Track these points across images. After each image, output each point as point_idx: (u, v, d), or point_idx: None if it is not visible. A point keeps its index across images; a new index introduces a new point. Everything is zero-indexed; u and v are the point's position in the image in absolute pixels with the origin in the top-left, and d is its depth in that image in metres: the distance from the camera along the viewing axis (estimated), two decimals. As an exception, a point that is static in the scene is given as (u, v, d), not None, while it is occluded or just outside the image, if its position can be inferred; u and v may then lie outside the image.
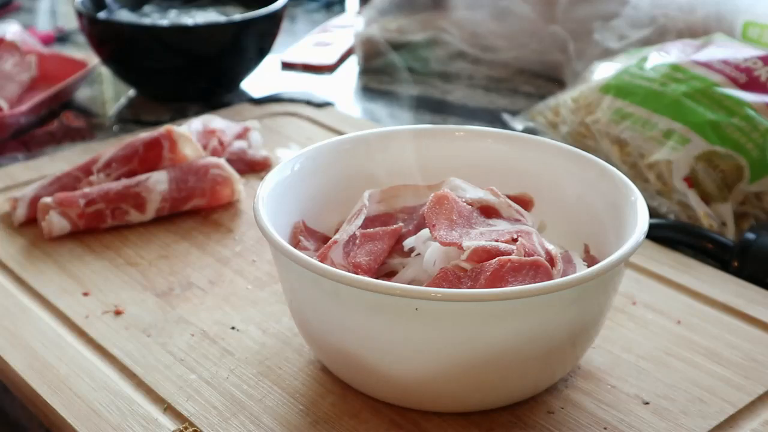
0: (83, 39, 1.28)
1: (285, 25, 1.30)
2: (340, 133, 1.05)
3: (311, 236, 0.71)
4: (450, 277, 0.61)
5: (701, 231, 0.85)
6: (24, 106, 1.11)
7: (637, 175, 0.93)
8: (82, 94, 1.25)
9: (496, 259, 0.60)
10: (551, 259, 0.63)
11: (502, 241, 0.63)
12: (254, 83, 1.26)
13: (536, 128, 1.07)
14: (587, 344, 0.65)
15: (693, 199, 0.88)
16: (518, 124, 1.10)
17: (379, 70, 1.35)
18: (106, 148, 0.95)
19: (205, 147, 0.96)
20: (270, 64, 1.33)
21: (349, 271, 0.62)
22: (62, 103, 1.19)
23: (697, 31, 1.11)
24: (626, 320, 0.74)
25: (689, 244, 0.85)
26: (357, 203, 0.71)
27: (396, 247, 0.68)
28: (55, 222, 0.85)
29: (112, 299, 0.77)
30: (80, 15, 1.15)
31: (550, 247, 0.65)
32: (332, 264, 0.64)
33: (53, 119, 1.16)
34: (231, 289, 0.78)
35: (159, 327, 0.73)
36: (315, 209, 0.73)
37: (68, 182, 0.90)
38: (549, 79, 1.27)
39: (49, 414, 0.65)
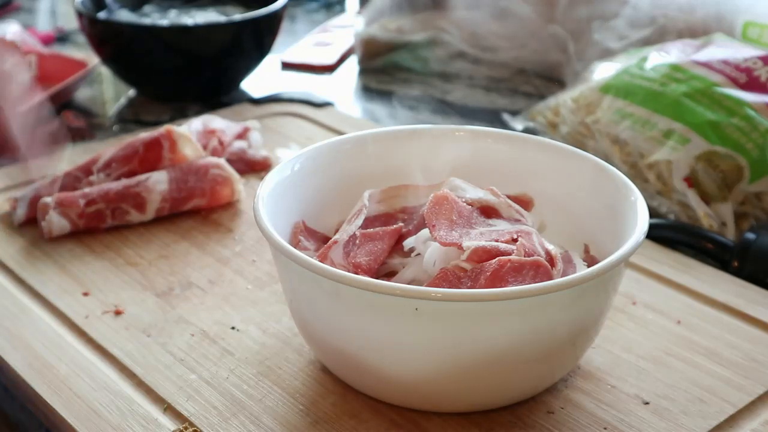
0: (83, 39, 1.28)
1: (285, 25, 1.30)
2: (340, 133, 1.05)
3: (311, 236, 0.71)
4: (450, 277, 0.61)
5: (701, 231, 0.85)
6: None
7: (637, 175, 0.93)
8: (82, 94, 1.25)
9: (496, 259, 0.60)
10: (551, 259, 0.63)
11: (502, 241, 0.63)
12: (254, 83, 1.26)
13: (536, 128, 1.07)
14: (587, 344, 0.65)
15: (693, 199, 0.88)
16: (518, 124, 1.10)
17: (379, 70, 1.35)
18: (106, 148, 0.95)
19: (205, 147, 0.96)
20: (270, 64, 1.33)
21: (349, 271, 0.63)
22: (62, 103, 1.19)
23: (697, 31, 1.11)
24: (626, 320, 0.74)
25: (689, 244, 0.85)
26: (357, 203, 0.71)
27: (396, 247, 0.68)
28: (55, 222, 0.85)
29: (112, 299, 0.77)
30: (80, 15, 1.15)
31: (550, 247, 0.65)
32: (332, 264, 0.64)
33: (53, 119, 1.16)
34: (231, 289, 0.78)
35: (159, 327, 0.73)
36: (315, 209, 0.73)
37: (68, 182, 0.90)
38: (549, 79, 1.27)
39: (49, 414, 0.65)
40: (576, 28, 1.22)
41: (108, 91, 1.28)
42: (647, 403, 0.65)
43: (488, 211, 0.68)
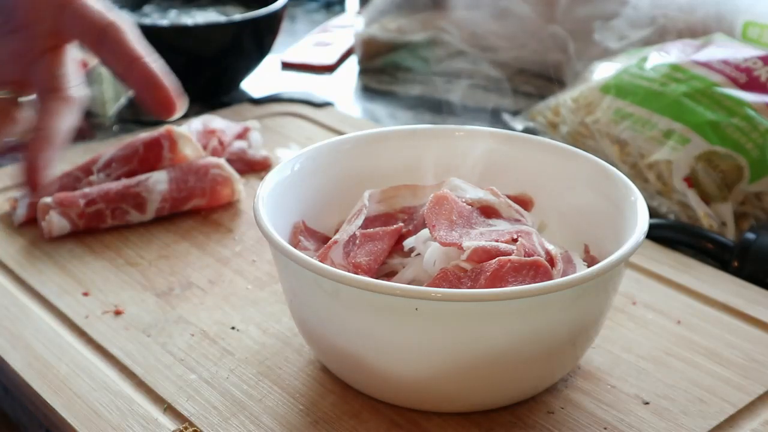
0: (83, 39, 1.28)
1: (285, 25, 1.30)
2: (340, 133, 1.05)
3: (311, 236, 0.71)
4: (450, 277, 0.61)
5: (701, 231, 0.85)
6: (24, 106, 1.11)
7: (637, 175, 0.93)
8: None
9: (496, 259, 0.60)
10: (551, 259, 0.63)
11: (502, 241, 0.63)
12: (254, 83, 1.26)
13: (536, 128, 1.07)
14: (587, 344, 0.65)
15: (693, 199, 0.89)
16: (518, 124, 1.10)
17: (379, 70, 1.35)
18: (106, 148, 0.95)
19: (205, 147, 0.96)
20: (270, 64, 1.33)
21: (349, 271, 0.63)
22: (62, 103, 1.19)
23: (697, 31, 1.11)
24: (626, 320, 0.74)
25: (689, 244, 0.85)
26: (357, 203, 0.71)
27: (396, 247, 0.68)
28: (55, 222, 0.85)
29: (112, 299, 0.77)
30: (80, 15, 1.15)
31: (550, 247, 0.65)
32: (332, 264, 0.64)
33: (53, 119, 1.16)
34: (231, 289, 0.78)
35: (159, 327, 0.73)
36: (315, 209, 0.73)
37: (68, 182, 0.90)
38: (549, 79, 1.27)
39: (49, 414, 0.65)
40: (576, 28, 1.22)
41: (108, 91, 1.28)
42: (647, 403, 0.65)
43: (488, 211, 0.68)
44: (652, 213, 0.88)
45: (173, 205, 0.89)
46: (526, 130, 1.07)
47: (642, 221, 0.64)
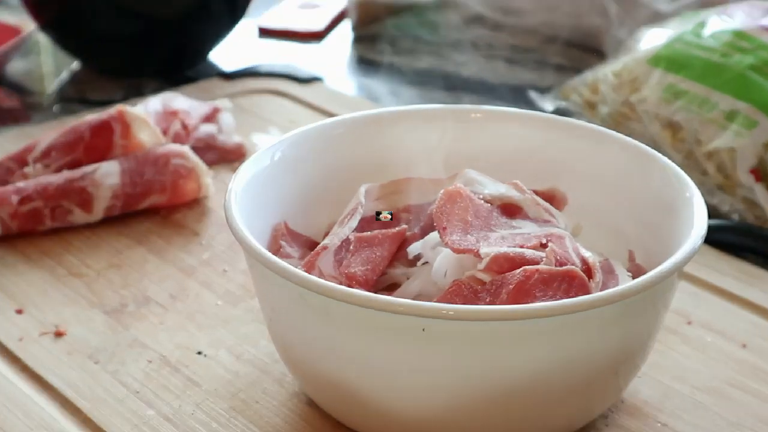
0: (16, 1, 1.28)
1: (263, -17, 1.30)
2: (330, 114, 1.06)
3: (295, 241, 0.71)
4: (465, 291, 0.61)
5: (771, 234, 0.86)
6: (-56, 82, 1.11)
7: (692, 165, 0.94)
8: (15, 68, 1.25)
9: (521, 269, 0.60)
10: (588, 269, 0.63)
11: (528, 247, 0.63)
12: (225, 54, 1.27)
13: (570, 109, 1.07)
14: (632, 373, 0.65)
15: (761, 195, 0.89)
16: (548, 104, 1.10)
17: (378, 38, 1.35)
18: (44, 134, 0.95)
19: (165, 132, 0.96)
20: (244, 30, 1.33)
21: (341, 284, 0.63)
22: (-9, 78, 1.20)
23: (766, -10, 1.12)
24: (680, 343, 0.74)
25: (757, 251, 0.85)
26: (351, 201, 0.71)
27: (399, 255, 0.68)
28: (-18, 223, 0.85)
29: (51, 318, 0.77)
30: (13, -29, 1.16)
31: (587, 254, 0.65)
32: (321, 275, 0.64)
33: (-21, 98, 1.16)
34: (197, 306, 0.78)
35: (109, 352, 0.73)
36: (300, 208, 0.73)
37: (-2, 175, 0.90)
38: (585, 48, 1.27)
39: (-26, 458, 0.65)
40: (618, -13, 1.22)
41: (47, 63, 1.29)
42: (705, 445, 0.65)
43: (511, 210, 0.68)
44: (712, 212, 0.89)
45: (126, 203, 0.89)
46: (558, 111, 1.07)
47: (699, 223, 0.64)
